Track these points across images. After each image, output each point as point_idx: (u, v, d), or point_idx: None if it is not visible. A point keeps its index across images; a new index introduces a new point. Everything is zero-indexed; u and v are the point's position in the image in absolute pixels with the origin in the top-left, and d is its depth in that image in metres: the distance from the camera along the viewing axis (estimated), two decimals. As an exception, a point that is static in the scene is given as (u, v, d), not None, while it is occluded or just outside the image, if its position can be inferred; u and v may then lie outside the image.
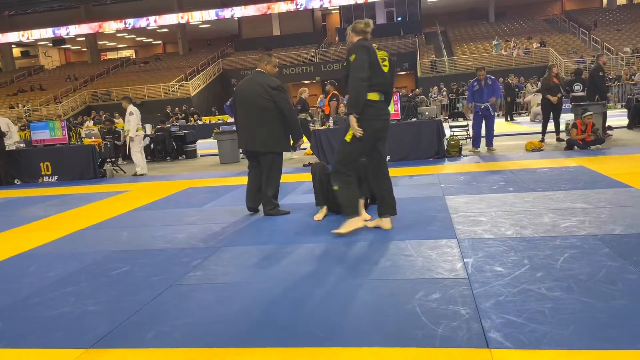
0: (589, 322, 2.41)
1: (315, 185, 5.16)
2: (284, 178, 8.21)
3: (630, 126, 11.80)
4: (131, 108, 10.17)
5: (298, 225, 4.83)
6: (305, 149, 11.08)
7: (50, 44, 41.35)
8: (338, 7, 36.85)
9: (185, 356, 2.42)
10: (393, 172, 7.68)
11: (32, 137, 10.62)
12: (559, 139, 10.04)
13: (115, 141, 11.93)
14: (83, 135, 11.86)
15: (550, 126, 10.20)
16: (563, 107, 10.42)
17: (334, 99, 11.72)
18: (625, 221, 4.08)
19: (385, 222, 4.46)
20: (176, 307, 3.02)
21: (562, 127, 10.54)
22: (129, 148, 10.43)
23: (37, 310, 3.13)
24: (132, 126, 10.11)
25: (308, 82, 35.33)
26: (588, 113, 8.79)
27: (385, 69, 4.30)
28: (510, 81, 19.98)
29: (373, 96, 4.19)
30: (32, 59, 43.53)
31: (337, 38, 38.67)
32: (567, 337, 2.29)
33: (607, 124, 10.68)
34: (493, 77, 9.69)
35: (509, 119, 18.30)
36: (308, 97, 12.65)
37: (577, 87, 11.00)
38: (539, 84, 14.75)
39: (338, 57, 33.47)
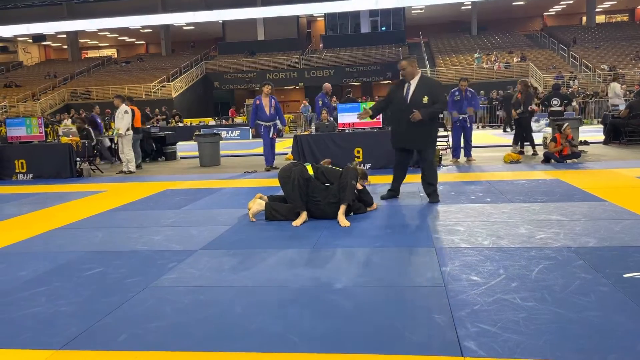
0: (562, 333, 2.44)
1: (294, 189, 5.01)
2: (258, 183, 8.19)
3: (606, 142, 12.04)
4: (125, 107, 10.23)
5: (276, 231, 4.81)
6: (287, 154, 11.06)
7: (30, 40, 40.68)
8: (323, 14, 37.01)
9: (158, 359, 2.38)
10: (373, 179, 7.73)
11: (8, 133, 10.42)
12: (534, 153, 10.18)
13: (88, 141, 11.63)
14: (60, 133, 11.63)
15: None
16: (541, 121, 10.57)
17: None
18: (599, 234, 4.15)
19: None
20: (150, 309, 2.97)
21: (539, 140, 10.72)
22: (117, 145, 10.42)
23: (6, 310, 3.05)
24: (124, 124, 10.09)
25: (291, 87, 35.38)
26: (567, 124, 8.96)
27: None
28: (512, 92, 20.25)
29: None
30: (10, 55, 42.76)
31: (321, 45, 38.82)
32: (540, 347, 2.31)
33: (583, 139, 10.87)
34: (473, 90, 9.83)
35: (507, 129, 18.42)
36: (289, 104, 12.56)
37: (555, 101, 11.19)
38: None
39: (322, 64, 33.60)
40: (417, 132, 5.74)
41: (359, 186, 5.34)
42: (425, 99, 5.67)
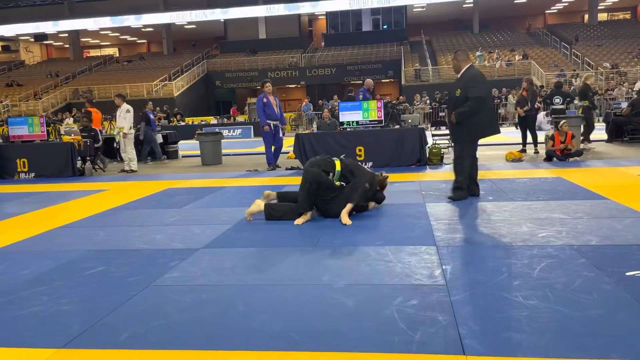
0: (564, 331, 2.43)
1: (305, 192, 4.99)
2: (261, 182, 8.19)
3: (609, 140, 12.01)
4: (127, 106, 10.31)
5: (278, 229, 4.80)
6: (288, 152, 11.06)
7: (32, 39, 40.73)
8: (325, 12, 36.99)
9: (159, 358, 2.38)
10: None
11: (10, 132, 10.44)
12: (536, 152, 10.16)
13: (95, 143, 11.54)
14: (62, 132, 11.65)
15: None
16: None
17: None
18: (601, 232, 4.14)
19: None
20: (152, 308, 2.97)
21: (541, 138, 10.69)
22: (119, 145, 10.46)
23: (8, 309, 3.05)
24: (127, 124, 10.14)
25: (293, 86, 35.38)
26: (563, 122, 8.95)
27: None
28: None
29: None
30: (12, 54, 42.82)
31: (322, 43, 38.79)
32: (542, 345, 2.30)
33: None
34: None
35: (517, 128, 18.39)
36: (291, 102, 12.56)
37: (557, 100, 11.15)
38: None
39: (324, 63, 33.58)
40: (453, 126, 5.97)
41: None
42: (457, 92, 5.74)
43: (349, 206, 4.96)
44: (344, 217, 4.89)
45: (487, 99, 5.82)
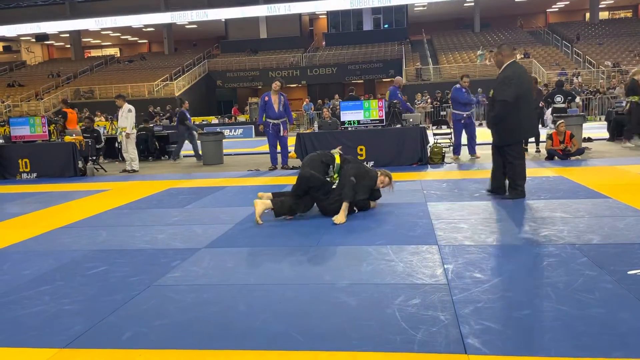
0: (566, 330, 2.43)
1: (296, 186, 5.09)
2: (262, 182, 8.19)
3: (611, 139, 11.99)
4: (128, 106, 10.35)
5: (280, 229, 4.81)
6: (290, 151, 11.05)
7: (33, 40, 40.77)
8: (325, 12, 36.98)
9: (162, 357, 2.38)
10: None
11: (12, 132, 10.45)
12: (537, 150, 10.16)
13: (96, 143, 11.50)
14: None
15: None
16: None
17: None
18: (602, 231, 4.13)
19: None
20: (154, 308, 2.97)
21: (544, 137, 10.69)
22: (121, 144, 10.49)
23: (11, 309, 3.06)
24: (130, 123, 10.18)
25: (294, 85, 35.37)
26: (560, 121, 8.94)
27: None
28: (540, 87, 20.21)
29: None
30: (14, 54, 42.87)
31: (323, 43, 38.77)
32: (543, 344, 2.30)
33: (586, 137, 10.87)
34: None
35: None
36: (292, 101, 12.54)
37: (558, 98, 11.14)
38: None
39: (324, 62, 33.56)
40: (495, 127, 5.68)
41: (380, 185, 5.44)
42: (491, 93, 5.63)
43: (345, 205, 4.95)
44: (340, 215, 4.87)
45: (523, 100, 5.38)
